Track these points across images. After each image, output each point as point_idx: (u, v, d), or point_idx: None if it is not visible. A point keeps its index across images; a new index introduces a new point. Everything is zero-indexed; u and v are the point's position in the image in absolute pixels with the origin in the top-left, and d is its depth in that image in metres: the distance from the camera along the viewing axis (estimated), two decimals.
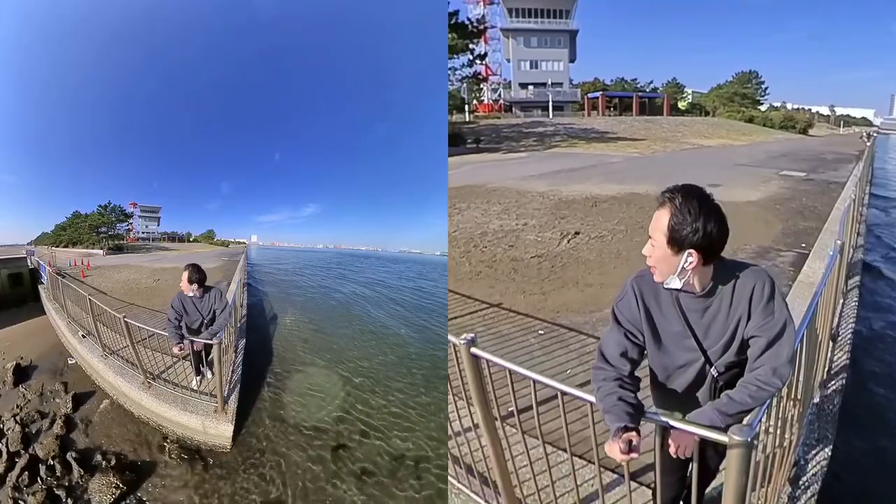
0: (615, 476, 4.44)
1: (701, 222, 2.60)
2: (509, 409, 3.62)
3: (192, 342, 7.91)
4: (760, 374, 2.67)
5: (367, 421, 8.66)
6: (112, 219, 57.76)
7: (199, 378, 8.58)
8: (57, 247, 47.91)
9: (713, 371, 2.90)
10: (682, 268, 2.68)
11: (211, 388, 8.15)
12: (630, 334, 2.93)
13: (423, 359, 12.56)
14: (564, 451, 3.37)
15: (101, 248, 50.54)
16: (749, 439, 2.33)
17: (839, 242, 5.75)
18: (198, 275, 7.87)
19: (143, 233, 69.86)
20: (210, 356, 8.15)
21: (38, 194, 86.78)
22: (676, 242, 2.64)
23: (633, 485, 4.34)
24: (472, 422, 3.88)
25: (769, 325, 2.70)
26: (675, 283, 2.74)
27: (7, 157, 69.55)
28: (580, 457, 4.46)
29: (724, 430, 2.43)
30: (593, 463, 3.27)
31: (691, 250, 2.63)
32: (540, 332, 7.87)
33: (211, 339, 7.65)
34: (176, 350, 7.88)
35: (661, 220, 2.67)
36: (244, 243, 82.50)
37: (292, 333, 15.37)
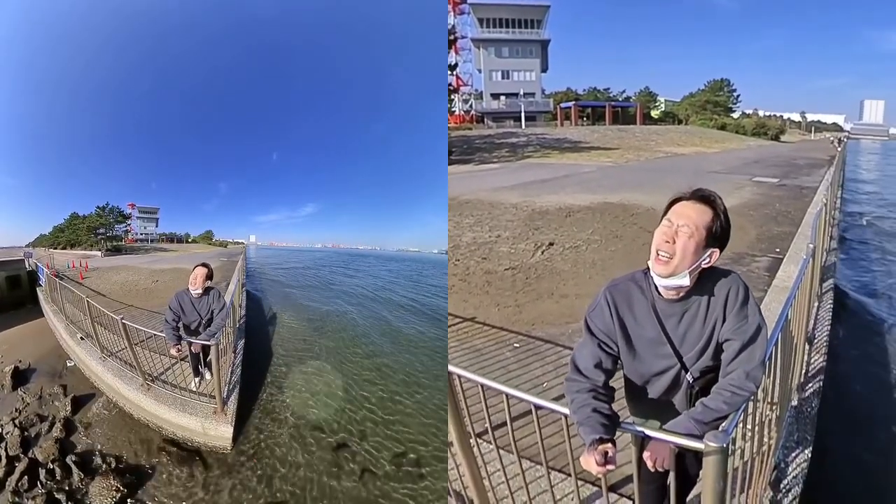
0: (594, 489, 4.37)
1: (730, 229, 2.80)
2: (485, 426, 3.55)
3: (189, 343, 7.95)
4: (734, 378, 2.67)
5: (367, 421, 8.64)
6: (110, 220, 57.53)
7: (197, 379, 8.57)
8: (55, 248, 47.73)
9: (688, 377, 2.87)
10: (699, 264, 2.73)
11: (210, 390, 8.10)
12: (604, 344, 2.89)
13: (424, 358, 12.58)
14: (541, 465, 3.30)
15: (100, 250, 50.31)
16: (724, 445, 2.30)
17: (811, 246, 5.75)
18: (211, 272, 8.18)
19: (141, 234, 69.59)
20: (209, 357, 8.05)
21: (35, 196, 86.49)
22: (713, 240, 2.73)
23: (613, 496, 4.29)
24: (447, 439, 3.79)
25: (743, 328, 2.71)
26: (686, 281, 2.72)
27: (5, 158, 69.02)
28: (559, 471, 4.40)
29: (701, 437, 2.40)
30: (571, 476, 3.19)
31: (715, 250, 2.74)
32: (515, 345, 7.79)
33: (208, 341, 7.62)
34: (173, 351, 7.87)
35: (704, 216, 2.73)
36: (242, 244, 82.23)
37: (291, 333, 15.33)
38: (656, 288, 2.83)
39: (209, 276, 8.09)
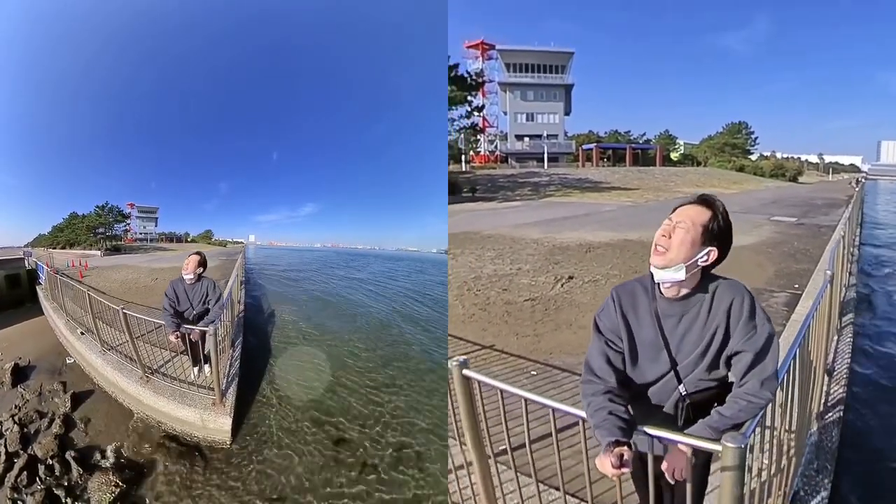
0: None
1: (730, 231, 2.87)
2: (502, 448, 3.55)
3: (188, 332, 8.01)
4: (749, 388, 2.68)
5: (368, 415, 8.65)
6: (110, 219, 58.18)
7: (196, 369, 8.62)
8: (54, 248, 48.17)
9: (681, 388, 2.85)
10: (696, 261, 2.76)
11: (209, 382, 8.13)
12: (611, 342, 2.93)
13: (424, 354, 12.64)
14: (557, 489, 3.30)
15: (99, 249, 50.70)
16: (742, 446, 2.30)
17: (829, 273, 5.75)
18: (204, 259, 8.38)
19: (140, 233, 69.96)
20: (206, 348, 8.09)
21: (35, 196, 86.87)
22: (710, 238, 2.79)
23: None
24: (465, 459, 3.79)
25: (753, 339, 2.71)
26: (681, 274, 2.75)
27: (4, 158, 69.65)
28: (573, 495, 4.36)
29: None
30: (587, 501, 3.19)
31: (713, 248, 2.79)
32: (532, 372, 7.78)
33: (206, 328, 7.72)
34: (172, 337, 7.99)
35: (702, 215, 2.83)
36: (242, 243, 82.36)
37: (291, 329, 15.44)
38: (659, 290, 2.87)
39: (202, 263, 8.28)
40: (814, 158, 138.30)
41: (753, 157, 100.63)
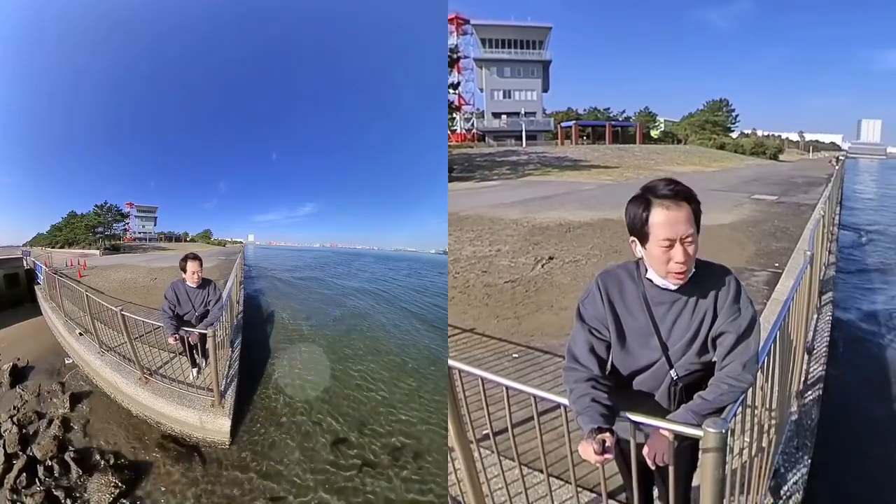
0: (593, 496, 4.35)
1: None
2: (484, 433, 3.54)
3: (186, 334, 7.95)
4: (730, 370, 2.68)
5: (367, 415, 8.64)
6: (108, 219, 57.59)
7: (195, 371, 8.58)
8: (53, 247, 47.74)
9: (672, 373, 2.84)
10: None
11: (208, 383, 8.08)
12: (595, 331, 2.89)
13: (422, 353, 12.63)
14: (541, 471, 3.29)
15: (98, 249, 50.34)
16: (723, 431, 2.30)
17: (809, 253, 5.77)
18: (201, 262, 8.32)
19: (139, 233, 69.51)
20: (206, 347, 7.99)
21: (33, 194, 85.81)
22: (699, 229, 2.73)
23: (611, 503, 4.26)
24: (448, 445, 3.78)
25: (737, 321, 2.72)
26: (692, 271, 2.74)
27: (2, 157, 68.69)
28: (557, 477, 4.37)
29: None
30: (570, 483, 3.19)
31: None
32: (514, 355, 7.78)
33: (205, 330, 7.66)
34: (171, 340, 7.91)
35: (691, 215, 2.68)
36: (241, 243, 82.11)
37: (289, 329, 15.39)
38: (647, 277, 2.83)
39: (201, 266, 8.24)
40: (794, 136, 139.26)
41: (734, 135, 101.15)
